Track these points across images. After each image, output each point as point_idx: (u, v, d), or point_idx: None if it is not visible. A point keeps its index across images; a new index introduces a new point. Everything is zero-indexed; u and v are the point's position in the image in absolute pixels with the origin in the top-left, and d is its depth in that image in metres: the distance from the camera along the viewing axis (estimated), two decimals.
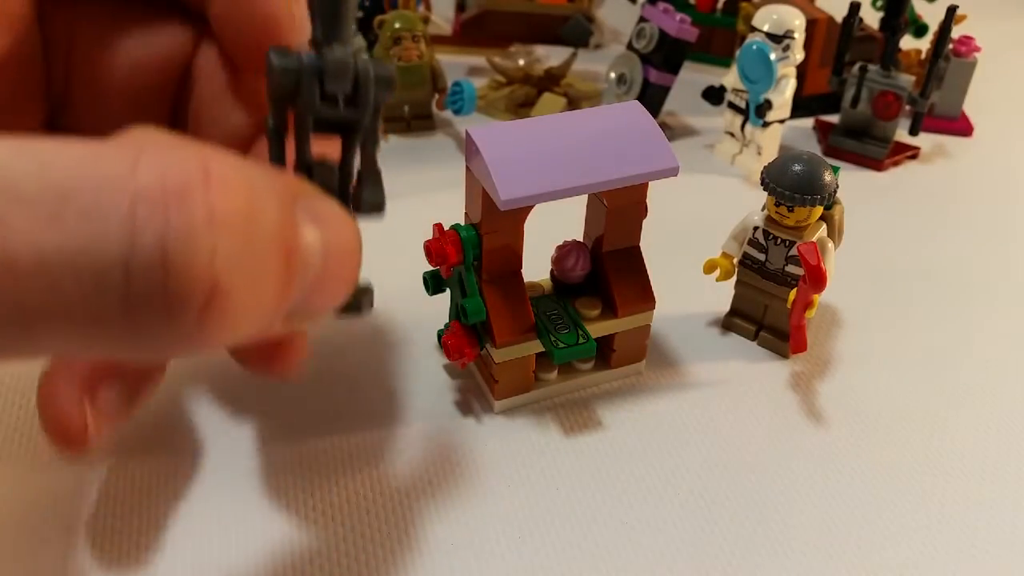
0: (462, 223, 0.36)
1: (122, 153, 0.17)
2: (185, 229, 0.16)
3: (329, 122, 0.23)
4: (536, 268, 0.39)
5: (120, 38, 0.26)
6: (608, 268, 0.38)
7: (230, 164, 0.18)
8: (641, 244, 0.39)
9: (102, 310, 0.16)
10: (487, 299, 0.36)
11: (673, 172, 0.35)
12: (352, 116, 0.23)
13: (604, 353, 0.40)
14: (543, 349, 0.37)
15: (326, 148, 0.24)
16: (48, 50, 0.25)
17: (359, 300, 0.25)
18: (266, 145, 0.24)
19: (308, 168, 0.23)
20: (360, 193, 0.24)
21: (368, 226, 0.22)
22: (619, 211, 0.37)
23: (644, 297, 0.39)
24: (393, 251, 0.44)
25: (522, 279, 0.37)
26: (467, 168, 0.35)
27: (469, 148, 0.34)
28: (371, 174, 0.24)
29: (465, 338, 0.37)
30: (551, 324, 0.37)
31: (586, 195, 0.38)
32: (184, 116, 0.28)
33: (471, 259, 0.35)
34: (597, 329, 0.38)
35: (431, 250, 0.35)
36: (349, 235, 0.21)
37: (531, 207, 0.34)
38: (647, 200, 0.37)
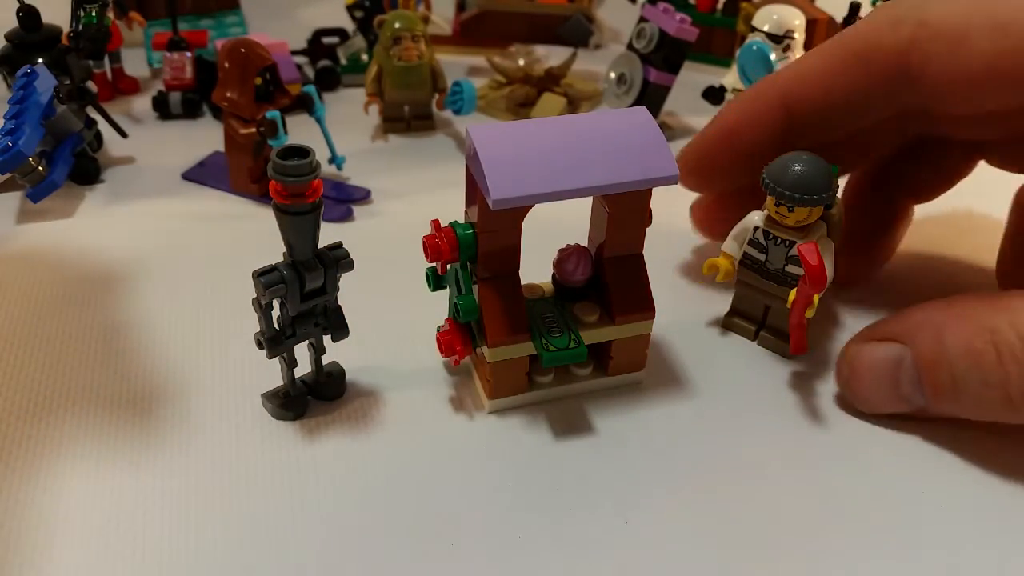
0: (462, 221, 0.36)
1: None
2: None
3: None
4: (540, 270, 0.39)
5: None
6: (608, 274, 0.38)
7: None
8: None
9: None
10: (482, 299, 0.36)
11: (672, 180, 0.35)
12: (322, 294, 0.35)
13: (602, 360, 0.39)
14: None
15: None
16: None
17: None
18: None
19: (292, 320, 0.35)
20: (331, 333, 0.37)
21: (369, 228, 0.22)
22: (621, 217, 0.36)
23: (643, 306, 0.38)
24: (392, 251, 0.44)
25: (519, 280, 0.37)
26: (467, 166, 0.35)
27: (469, 146, 0.34)
28: (336, 318, 0.37)
29: (458, 335, 0.37)
30: (544, 327, 0.37)
31: (591, 199, 0.38)
32: None
33: (465, 258, 0.35)
34: (593, 335, 0.37)
35: (427, 246, 0.35)
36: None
37: (528, 208, 0.34)
38: (651, 207, 0.37)
